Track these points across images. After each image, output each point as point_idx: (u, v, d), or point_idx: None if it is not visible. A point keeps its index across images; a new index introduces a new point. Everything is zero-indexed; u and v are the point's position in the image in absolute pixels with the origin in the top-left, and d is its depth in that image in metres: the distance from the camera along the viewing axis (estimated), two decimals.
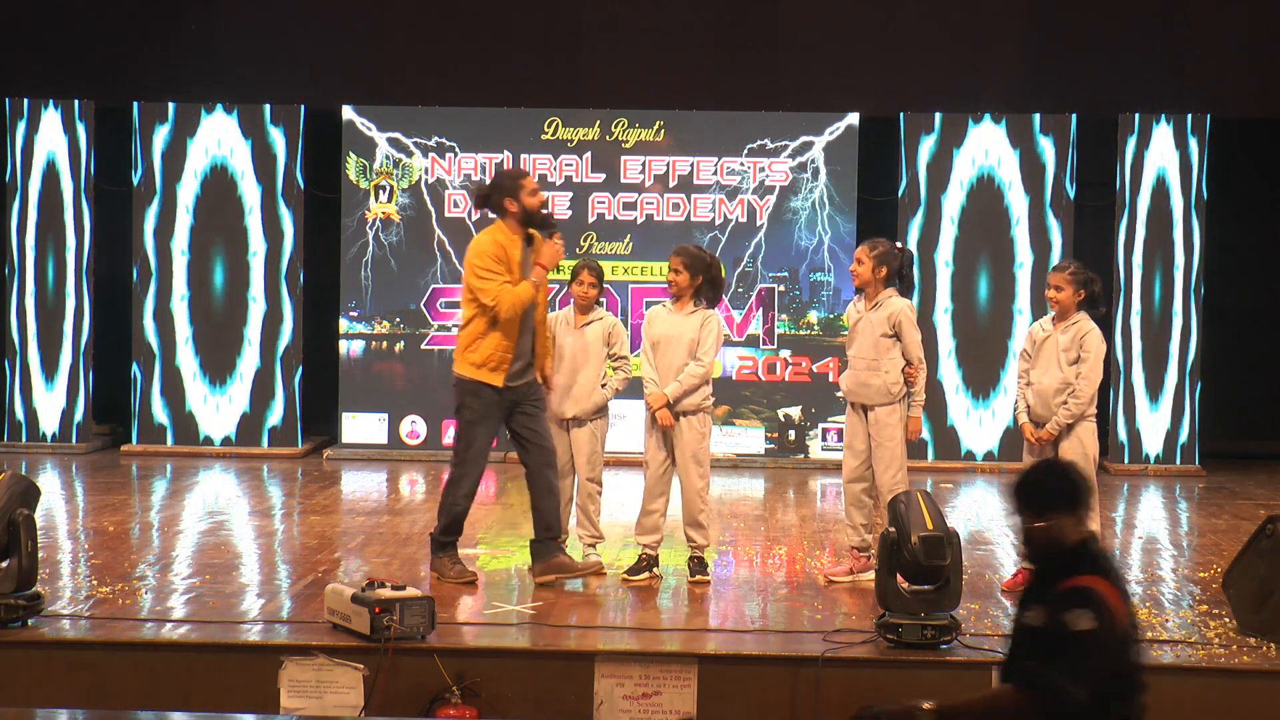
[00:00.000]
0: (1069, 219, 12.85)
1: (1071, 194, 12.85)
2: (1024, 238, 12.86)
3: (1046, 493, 4.75)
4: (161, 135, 13.02)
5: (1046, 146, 12.84)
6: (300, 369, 13.12)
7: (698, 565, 8.20)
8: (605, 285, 8.75)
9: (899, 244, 8.49)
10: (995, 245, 12.87)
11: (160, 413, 13.07)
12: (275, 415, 13.07)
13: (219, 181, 13.06)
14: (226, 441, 13.08)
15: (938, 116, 12.90)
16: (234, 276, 13.07)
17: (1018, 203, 12.87)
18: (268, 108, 13.02)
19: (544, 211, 8.05)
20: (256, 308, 13.06)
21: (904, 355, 8.16)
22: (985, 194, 12.90)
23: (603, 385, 8.46)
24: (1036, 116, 12.86)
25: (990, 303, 12.89)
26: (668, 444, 8.20)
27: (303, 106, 13.09)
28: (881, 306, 8.17)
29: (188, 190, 13.06)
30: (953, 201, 12.91)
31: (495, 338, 7.88)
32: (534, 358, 8.09)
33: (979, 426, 12.91)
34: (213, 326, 13.06)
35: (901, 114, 12.93)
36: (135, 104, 13.05)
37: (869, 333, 8.18)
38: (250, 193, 13.04)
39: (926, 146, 12.89)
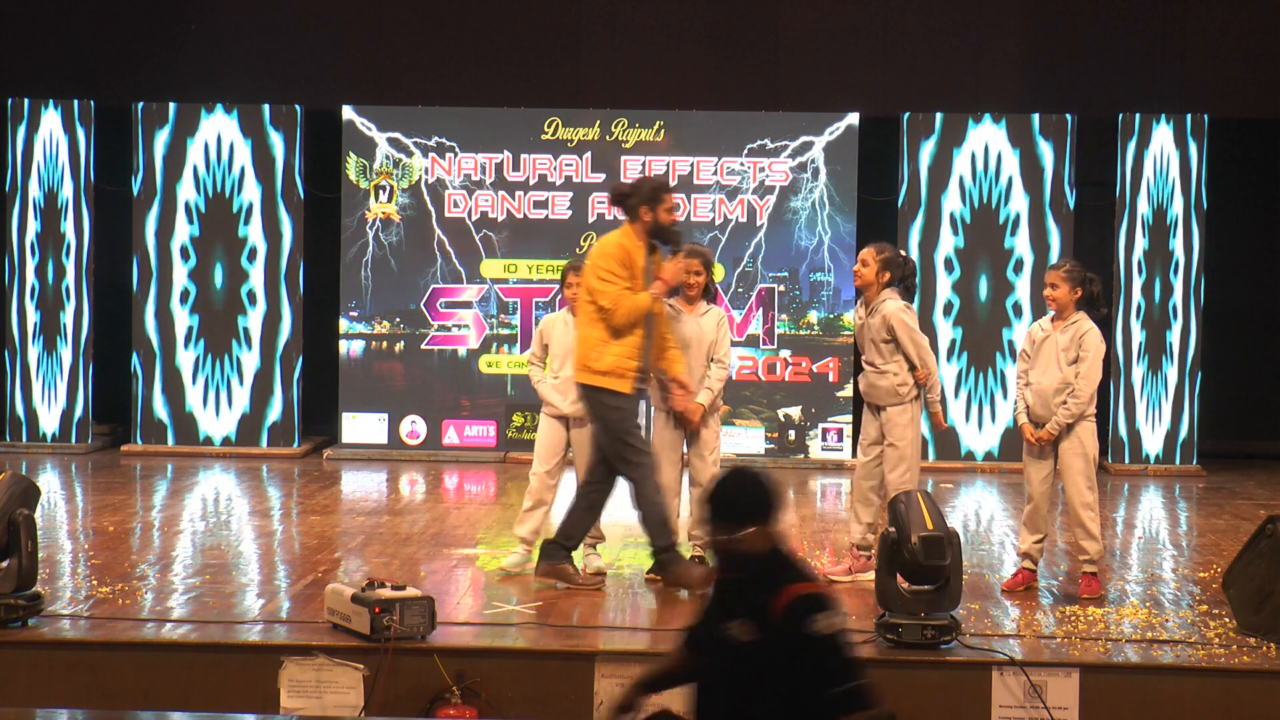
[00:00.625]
0: (1069, 219, 12.85)
1: (1071, 194, 12.85)
2: (1024, 238, 12.86)
3: (745, 504, 4.64)
4: (161, 135, 13.02)
5: (1046, 147, 12.84)
6: (300, 369, 13.13)
7: (700, 564, 8.20)
8: None
9: (903, 252, 8.54)
10: (995, 246, 12.87)
11: (160, 412, 13.08)
12: (275, 415, 13.07)
13: (219, 181, 13.07)
14: (226, 441, 13.09)
15: (938, 116, 12.90)
16: (234, 276, 13.07)
17: (1018, 203, 12.88)
18: (267, 108, 13.01)
19: (675, 229, 8.04)
20: (256, 308, 13.07)
21: (906, 360, 8.16)
22: (985, 194, 12.91)
23: None
24: (1036, 117, 12.85)
25: (990, 303, 12.89)
26: (681, 443, 8.23)
27: (302, 107, 13.10)
28: (876, 311, 8.19)
29: (187, 190, 13.06)
30: (952, 202, 12.91)
31: (619, 346, 7.83)
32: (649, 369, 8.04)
33: (979, 427, 12.91)
34: (213, 326, 13.06)
35: (903, 114, 12.94)
36: (135, 104, 13.05)
37: (867, 336, 8.22)
38: (250, 193, 13.05)
39: (927, 147, 12.90)
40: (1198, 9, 13.34)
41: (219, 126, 13.04)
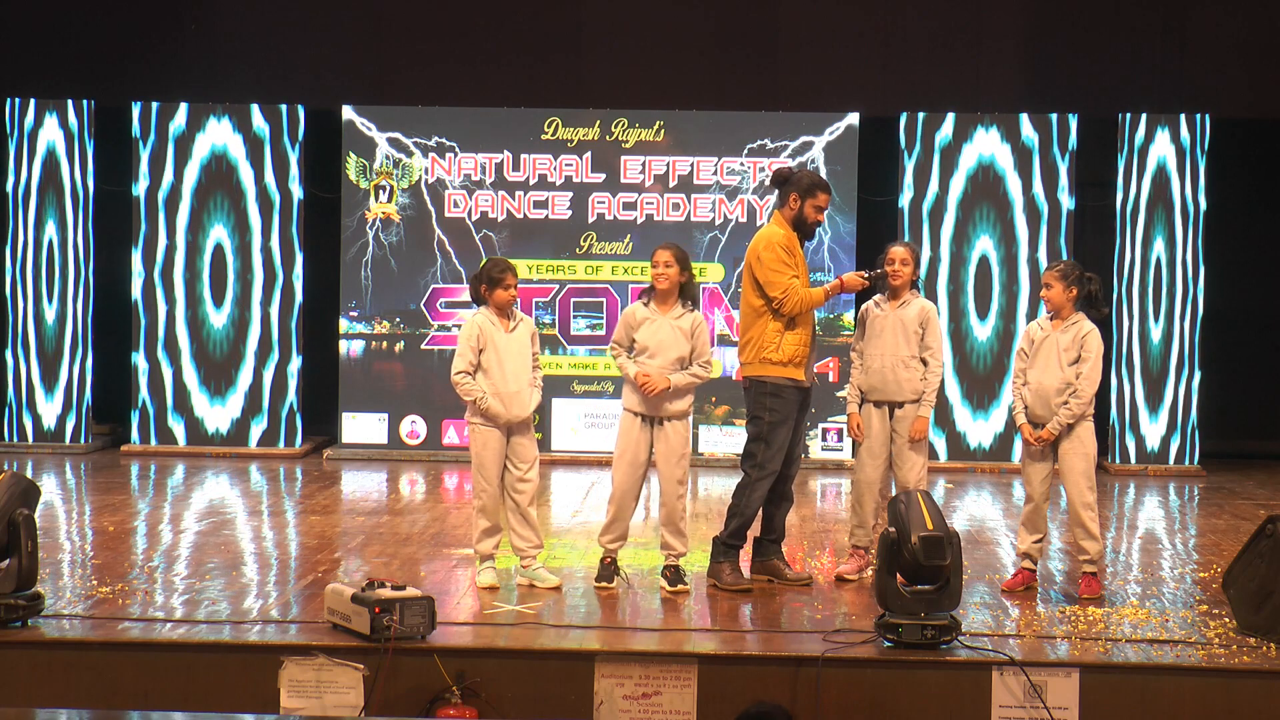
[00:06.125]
0: (1069, 219, 12.85)
1: (1072, 194, 12.85)
2: (1024, 238, 12.86)
3: None
4: (162, 135, 13.03)
5: (1046, 147, 12.84)
6: (300, 369, 13.13)
7: (675, 574, 8.03)
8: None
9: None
10: (995, 245, 12.87)
11: (160, 412, 13.08)
12: (275, 415, 13.08)
13: (218, 181, 13.07)
14: (226, 441, 13.10)
15: (939, 116, 12.91)
16: (234, 276, 13.07)
17: (1017, 203, 12.88)
18: (260, 107, 13.01)
19: (819, 228, 8.22)
20: (256, 308, 13.07)
21: (928, 348, 8.19)
22: (985, 194, 12.91)
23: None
24: (1027, 117, 12.85)
25: (989, 303, 12.89)
26: (647, 447, 8.04)
27: (303, 107, 13.10)
28: (910, 305, 8.24)
29: (187, 190, 13.06)
30: (953, 202, 12.91)
31: (795, 334, 7.94)
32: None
33: (980, 427, 12.91)
34: (212, 326, 13.07)
35: (902, 114, 12.94)
36: (135, 104, 13.06)
37: (899, 330, 8.20)
38: (250, 192, 13.05)
39: (927, 147, 12.89)
40: (1198, 9, 13.34)
41: (219, 126, 13.04)
